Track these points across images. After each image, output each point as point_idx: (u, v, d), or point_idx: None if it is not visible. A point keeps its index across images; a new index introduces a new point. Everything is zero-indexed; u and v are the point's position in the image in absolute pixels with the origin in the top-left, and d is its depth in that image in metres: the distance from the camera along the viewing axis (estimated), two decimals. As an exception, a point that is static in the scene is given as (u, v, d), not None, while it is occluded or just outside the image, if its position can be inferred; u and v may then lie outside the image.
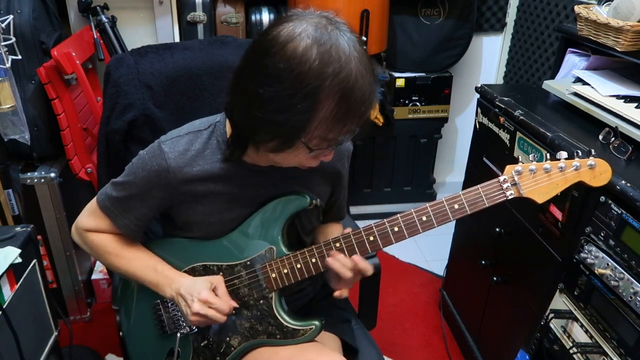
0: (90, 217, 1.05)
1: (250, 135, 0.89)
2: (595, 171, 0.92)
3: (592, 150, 0.93)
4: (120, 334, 1.15)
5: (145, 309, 1.11)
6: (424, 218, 0.93)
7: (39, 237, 1.57)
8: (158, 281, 1.02)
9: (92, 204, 1.05)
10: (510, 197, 0.92)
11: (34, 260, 1.26)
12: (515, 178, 0.92)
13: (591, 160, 0.92)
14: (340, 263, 0.95)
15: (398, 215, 0.94)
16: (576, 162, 0.91)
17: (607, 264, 1.09)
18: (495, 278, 1.57)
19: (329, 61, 0.76)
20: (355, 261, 0.95)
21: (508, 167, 0.93)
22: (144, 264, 1.04)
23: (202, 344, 1.07)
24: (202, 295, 0.96)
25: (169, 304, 1.09)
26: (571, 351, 1.18)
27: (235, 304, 1.01)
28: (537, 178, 0.92)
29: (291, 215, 1.01)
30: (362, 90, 0.78)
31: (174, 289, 1.00)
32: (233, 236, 1.03)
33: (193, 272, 1.05)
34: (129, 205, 1.00)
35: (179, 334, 1.07)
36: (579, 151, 0.93)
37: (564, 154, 0.92)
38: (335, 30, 0.78)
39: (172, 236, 1.08)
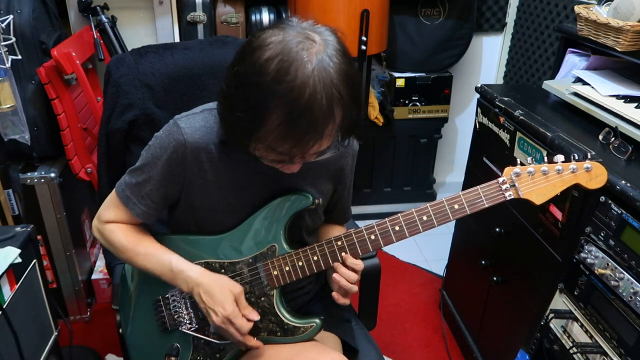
0: (109, 208, 1.06)
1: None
2: (592, 174, 0.94)
3: (589, 154, 0.95)
4: (120, 330, 1.15)
5: (146, 306, 1.12)
6: (425, 217, 0.94)
7: (39, 237, 1.57)
8: (173, 277, 1.02)
9: (112, 194, 1.06)
10: (509, 198, 0.94)
11: (34, 260, 1.26)
12: (514, 179, 0.94)
13: (587, 163, 0.94)
14: (346, 280, 0.97)
15: (399, 214, 0.95)
16: (573, 164, 0.94)
17: (607, 264, 1.09)
18: (495, 278, 1.57)
19: (283, 79, 0.76)
20: (352, 267, 0.97)
21: (507, 168, 0.95)
22: (157, 259, 1.03)
23: (202, 341, 1.07)
24: (227, 311, 0.96)
25: (170, 301, 1.09)
26: (571, 351, 1.18)
27: (256, 317, 0.99)
28: (535, 180, 0.94)
29: (294, 214, 1.02)
30: (312, 115, 0.77)
31: (190, 286, 1.00)
32: (235, 234, 1.04)
33: None
34: (147, 189, 1.01)
35: (179, 330, 1.08)
36: (575, 155, 0.95)
37: (560, 157, 0.94)
38: (310, 48, 0.78)
39: (175, 234, 1.09)
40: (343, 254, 0.97)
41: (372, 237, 0.96)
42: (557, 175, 0.94)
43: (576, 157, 0.95)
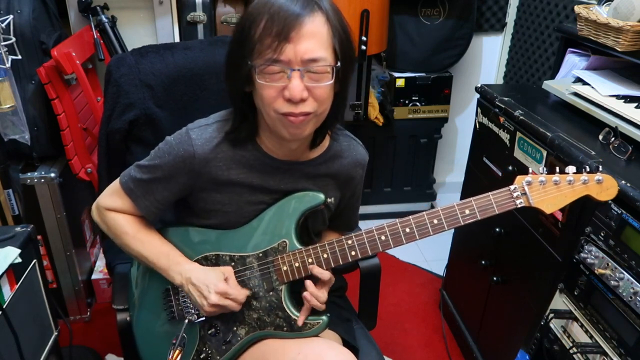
0: (112, 196, 1.07)
1: (234, 86, 0.95)
2: (603, 186, 0.95)
3: (600, 166, 0.96)
4: (128, 318, 1.16)
5: (156, 295, 1.12)
6: (435, 221, 0.96)
7: (39, 237, 1.57)
8: (169, 267, 1.05)
9: (115, 184, 1.07)
10: (519, 206, 0.95)
11: (34, 260, 1.26)
12: (526, 188, 0.95)
13: (599, 176, 0.95)
14: (316, 300, 1.01)
15: (410, 216, 0.97)
16: (584, 176, 0.95)
17: (607, 264, 1.09)
18: (495, 278, 1.57)
19: None
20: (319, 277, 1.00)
21: (519, 177, 0.96)
22: (156, 249, 1.06)
23: (209, 332, 1.08)
24: (219, 287, 0.99)
25: (180, 290, 1.10)
26: (571, 351, 1.18)
27: (248, 292, 1.04)
28: (547, 189, 0.95)
29: (305, 211, 1.03)
30: (289, 9, 0.85)
31: (184, 277, 1.03)
32: (248, 228, 1.06)
33: (206, 261, 1.07)
34: (152, 188, 1.03)
35: (186, 321, 1.08)
36: (587, 166, 0.96)
37: (572, 168, 0.95)
38: None
39: (187, 224, 1.10)
40: (309, 265, 1.00)
41: (383, 237, 0.98)
42: (569, 186, 0.94)
43: (587, 169, 0.95)
